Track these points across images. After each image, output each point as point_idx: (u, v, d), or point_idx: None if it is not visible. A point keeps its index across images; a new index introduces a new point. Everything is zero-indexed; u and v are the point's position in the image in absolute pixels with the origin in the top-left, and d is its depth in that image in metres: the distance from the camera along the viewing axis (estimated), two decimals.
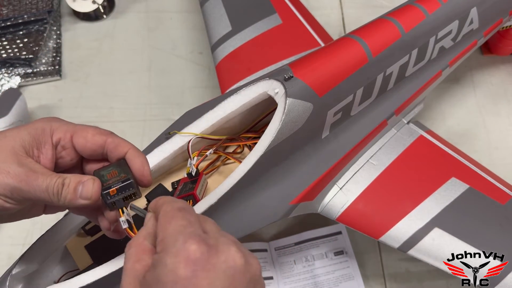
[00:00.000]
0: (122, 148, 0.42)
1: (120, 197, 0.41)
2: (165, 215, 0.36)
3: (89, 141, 0.42)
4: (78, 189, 0.40)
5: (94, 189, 0.40)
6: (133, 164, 0.42)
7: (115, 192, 0.40)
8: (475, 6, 0.73)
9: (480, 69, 0.96)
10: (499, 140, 0.88)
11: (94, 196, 0.40)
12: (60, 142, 0.43)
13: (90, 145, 0.42)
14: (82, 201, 0.40)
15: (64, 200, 0.40)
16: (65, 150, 0.43)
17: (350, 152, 0.66)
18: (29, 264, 0.49)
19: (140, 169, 0.42)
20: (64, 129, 0.43)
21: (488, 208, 0.66)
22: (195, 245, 0.33)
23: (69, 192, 0.40)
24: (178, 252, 0.33)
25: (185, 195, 0.53)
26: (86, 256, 0.54)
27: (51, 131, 0.42)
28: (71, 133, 0.43)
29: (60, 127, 0.43)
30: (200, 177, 0.55)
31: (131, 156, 0.42)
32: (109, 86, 0.95)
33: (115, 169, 0.42)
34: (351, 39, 0.64)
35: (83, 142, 0.42)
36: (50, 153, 0.42)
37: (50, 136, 0.42)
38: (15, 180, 0.39)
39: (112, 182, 0.41)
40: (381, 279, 0.76)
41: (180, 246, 0.33)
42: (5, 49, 0.94)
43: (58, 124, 0.43)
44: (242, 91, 0.58)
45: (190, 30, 1.01)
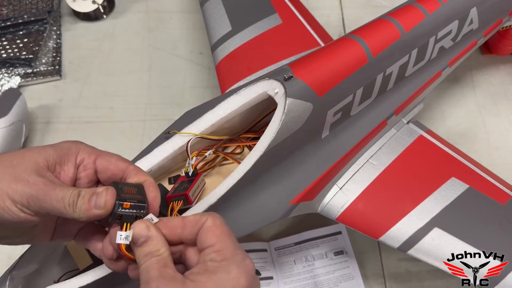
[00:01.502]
0: (142, 176, 0.44)
1: (130, 213, 0.40)
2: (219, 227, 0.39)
3: (112, 164, 0.44)
4: (93, 199, 0.40)
5: (108, 197, 0.40)
6: (148, 192, 0.43)
7: (128, 206, 0.40)
8: (475, 6, 0.73)
9: (480, 69, 0.96)
10: (499, 140, 0.88)
11: (108, 204, 0.40)
12: (83, 162, 0.44)
13: (113, 167, 0.44)
14: (96, 211, 0.40)
15: (79, 211, 0.40)
16: (85, 171, 0.44)
17: (350, 152, 0.66)
18: (29, 264, 0.49)
19: (153, 199, 0.43)
20: (89, 150, 0.44)
21: (488, 208, 0.66)
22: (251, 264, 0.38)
23: (84, 202, 0.40)
24: (240, 264, 0.37)
25: (178, 195, 0.53)
26: (86, 256, 0.54)
27: (76, 151, 0.44)
28: (96, 156, 0.44)
29: (85, 148, 0.44)
30: (197, 177, 0.55)
31: (150, 185, 0.43)
32: (109, 86, 0.95)
33: (133, 188, 0.42)
34: (351, 39, 0.64)
35: (106, 165, 0.44)
36: (71, 172, 0.43)
37: (75, 156, 0.43)
38: (33, 189, 0.39)
39: (128, 197, 0.41)
40: (381, 279, 0.76)
41: (241, 261, 0.38)
42: (5, 49, 0.94)
43: (85, 146, 0.45)
44: (242, 91, 0.58)
45: (190, 30, 1.01)
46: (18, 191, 0.39)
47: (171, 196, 0.53)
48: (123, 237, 0.40)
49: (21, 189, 0.39)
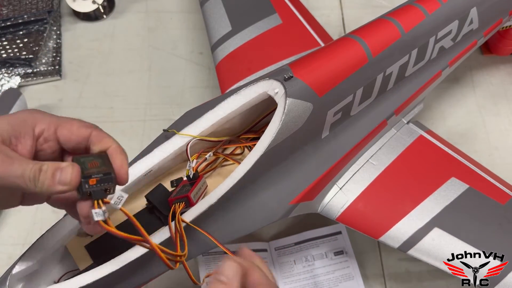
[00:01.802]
0: (106, 143, 0.42)
1: (99, 189, 0.40)
2: None
3: (74, 133, 0.42)
4: (57, 174, 0.39)
5: (74, 174, 0.39)
6: (114, 159, 0.41)
7: (94, 182, 0.39)
8: (475, 6, 0.73)
9: (480, 69, 0.96)
10: (499, 140, 0.88)
11: (73, 181, 0.39)
12: (43, 134, 0.42)
13: (75, 137, 0.42)
14: (61, 187, 0.39)
15: (41, 186, 0.39)
16: (47, 143, 0.43)
17: (350, 152, 0.66)
18: (29, 264, 0.49)
19: (119, 166, 0.41)
20: (48, 121, 0.42)
21: (488, 208, 0.66)
22: None
23: (47, 177, 0.39)
24: None
25: (180, 197, 0.53)
26: (86, 256, 0.54)
27: (33, 122, 0.42)
28: (55, 125, 0.42)
29: (43, 118, 0.42)
30: (199, 179, 0.55)
31: (114, 151, 0.42)
32: (109, 86, 0.95)
33: (96, 160, 0.41)
34: (351, 39, 0.64)
35: (68, 134, 0.42)
36: (29, 144, 0.42)
37: (32, 127, 0.42)
38: None
39: (92, 172, 0.40)
40: (381, 279, 0.76)
41: None
42: (5, 49, 0.94)
43: (42, 116, 0.43)
44: (242, 91, 0.58)
45: (190, 30, 1.01)
46: None
47: (173, 199, 0.54)
48: (99, 214, 0.40)
49: None
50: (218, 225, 0.55)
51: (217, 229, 0.55)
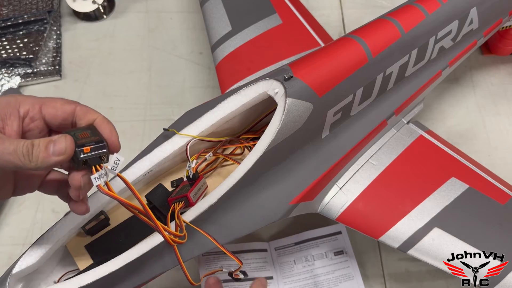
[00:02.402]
0: (92, 115, 0.43)
1: (94, 155, 0.40)
2: None
3: (59, 109, 0.43)
4: (50, 146, 0.39)
5: (67, 143, 0.40)
6: (102, 129, 0.42)
7: (88, 150, 0.40)
8: (475, 6, 0.73)
9: (480, 69, 0.96)
10: (499, 140, 0.88)
11: (68, 149, 0.39)
12: (29, 114, 0.43)
13: (61, 113, 0.43)
14: (56, 158, 0.39)
15: (36, 160, 0.39)
16: (34, 122, 0.43)
17: (350, 152, 0.66)
18: (29, 264, 0.49)
19: (109, 134, 0.42)
20: (31, 101, 0.43)
21: (488, 208, 0.66)
22: None
23: (41, 150, 0.39)
24: None
25: (179, 197, 0.53)
26: (86, 256, 0.54)
27: (16, 103, 0.42)
28: (40, 104, 0.43)
29: (26, 99, 0.43)
30: (199, 180, 0.56)
31: (101, 122, 0.43)
32: (109, 86, 0.95)
33: (86, 131, 0.42)
34: (351, 39, 0.64)
35: (53, 112, 0.43)
36: (15, 124, 0.42)
37: (16, 108, 0.42)
38: None
39: (85, 142, 0.41)
40: (381, 279, 0.76)
41: None
42: (5, 49, 0.94)
43: (24, 97, 0.43)
44: (242, 91, 0.58)
45: (190, 30, 1.01)
46: None
47: (173, 199, 0.54)
48: (98, 178, 0.40)
49: None
50: (218, 225, 0.55)
51: (217, 229, 0.55)
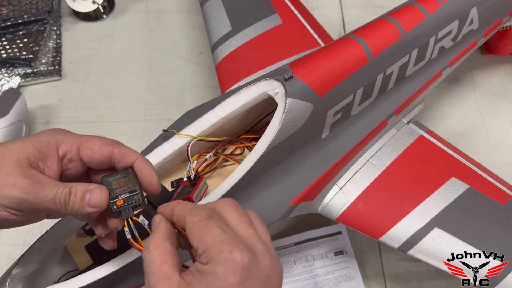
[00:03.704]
0: (130, 158, 0.43)
1: (126, 208, 0.41)
2: (197, 226, 0.37)
3: (96, 152, 0.43)
4: (86, 197, 0.40)
5: (103, 197, 0.40)
6: (141, 173, 0.42)
7: (121, 202, 0.41)
8: (475, 6, 0.73)
9: (480, 69, 0.96)
10: (499, 140, 0.88)
11: (102, 204, 0.40)
12: (67, 155, 0.43)
13: (98, 156, 0.43)
14: (90, 209, 0.40)
15: (71, 209, 0.40)
16: (72, 163, 0.43)
17: (350, 152, 0.66)
18: (29, 264, 0.49)
19: (148, 177, 0.42)
20: (70, 141, 0.43)
21: (488, 208, 0.66)
22: (240, 255, 0.35)
23: (77, 201, 0.40)
24: (226, 262, 0.35)
25: (182, 199, 0.53)
26: (86, 256, 0.54)
27: (56, 144, 0.43)
28: (78, 146, 0.43)
29: (65, 139, 0.43)
30: (200, 180, 0.55)
31: (139, 165, 0.43)
32: (109, 86, 0.95)
33: (123, 177, 0.42)
34: (351, 39, 0.64)
35: (90, 154, 0.43)
36: (55, 166, 0.42)
37: (56, 150, 0.43)
38: (21, 193, 0.39)
39: (119, 192, 0.41)
40: (381, 279, 0.76)
41: (227, 256, 0.35)
42: (5, 49, 0.94)
43: (63, 137, 0.43)
44: (242, 91, 0.58)
45: (190, 30, 1.01)
46: (6, 197, 0.39)
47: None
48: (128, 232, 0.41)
49: (9, 195, 0.39)
50: None
51: None
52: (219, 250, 0.35)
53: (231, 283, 0.35)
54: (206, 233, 0.36)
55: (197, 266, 0.36)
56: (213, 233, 0.36)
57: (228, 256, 0.35)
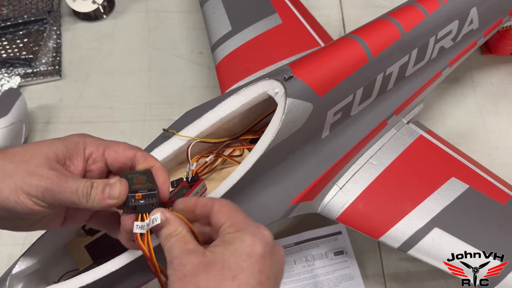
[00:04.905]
0: (151, 162, 0.45)
1: (143, 203, 0.42)
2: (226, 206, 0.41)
3: (121, 154, 0.45)
4: (106, 189, 0.42)
5: (122, 188, 0.42)
6: (157, 177, 0.44)
7: (140, 197, 0.42)
8: (475, 6, 0.73)
9: (480, 69, 0.96)
10: (499, 140, 0.88)
11: (121, 195, 0.42)
12: (92, 156, 0.45)
13: (121, 158, 0.45)
14: (110, 201, 0.42)
15: (92, 201, 0.42)
16: (95, 164, 0.45)
17: (350, 152, 0.66)
18: (29, 264, 0.49)
19: (162, 183, 0.44)
20: (97, 143, 0.45)
21: (488, 208, 0.66)
22: (266, 232, 0.40)
23: (98, 193, 0.42)
24: (255, 233, 0.39)
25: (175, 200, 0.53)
26: (86, 256, 0.54)
27: (84, 145, 0.45)
28: (104, 148, 0.45)
29: (93, 142, 0.46)
30: (198, 182, 0.55)
31: (158, 170, 0.45)
32: (109, 86, 0.95)
33: (142, 176, 0.44)
34: (351, 39, 0.64)
35: (115, 156, 0.45)
36: (81, 165, 0.45)
37: (83, 150, 0.45)
38: (47, 182, 0.41)
39: (139, 188, 0.42)
40: (381, 279, 0.76)
41: (255, 230, 0.40)
42: (5, 49, 0.94)
43: (91, 139, 0.46)
44: (242, 91, 0.58)
45: (190, 30, 1.01)
46: (33, 185, 0.41)
47: (168, 202, 0.53)
48: (139, 227, 0.42)
49: (35, 183, 0.41)
50: None
51: None
52: (248, 224, 0.40)
53: (257, 253, 0.38)
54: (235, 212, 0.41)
55: (223, 238, 0.39)
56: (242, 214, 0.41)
57: (256, 230, 0.39)
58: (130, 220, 0.43)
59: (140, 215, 0.42)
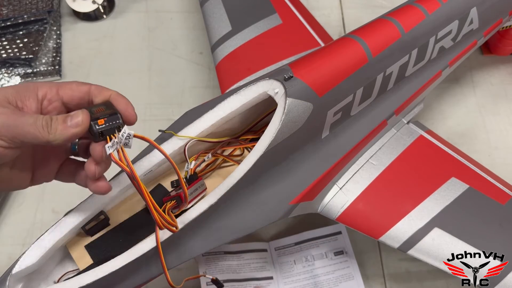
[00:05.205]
0: (106, 92, 0.47)
1: (109, 127, 0.43)
2: None
3: (75, 90, 0.46)
4: (68, 120, 0.43)
5: (84, 116, 0.43)
6: (118, 104, 0.46)
7: (103, 122, 0.43)
8: (475, 6, 0.73)
9: (480, 69, 0.96)
10: (499, 140, 0.88)
11: (84, 122, 0.43)
12: (47, 96, 0.46)
13: (77, 93, 0.46)
14: (73, 130, 0.42)
15: (54, 132, 0.42)
16: (51, 104, 0.46)
17: (350, 152, 0.66)
18: (29, 264, 0.49)
19: (124, 107, 0.46)
20: (49, 84, 0.46)
21: (488, 208, 0.66)
22: None
23: (59, 123, 0.42)
24: None
25: (173, 196, 0.53)
26: (86, 256, 0.54)
27: (35, 88, 0.45)
28: (57, 88, 0.46)
29: (44, 84, 0.47)
30: (197, 181, 0.55)
31: (115, 97, 0.47)
32: (109, 86, 0.94)
33: (101, 106, 0.45)
34: (351, 39, 0.64)
35: (70, 93, 0.46)
36: (34, 106, 0.45)
37: (35, 92, 0.45)
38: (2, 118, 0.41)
39: (100, 115, 0.44)
40: (381, 279, 0.76)
41: None
42: (5, 49, 0.94)
43: (42, 83, 0.47)
44: (242, 91, 0.58)
45: (190, 30, 1.01)
46: None
47: (167, 198, 0.54)
48: (110, 147, 0.43)
49: None
50: (218, 225, 0.55)
51: (217, 229, 0.55)
52: None
53: None
54: None
55: None
56: None
57: None
58: (99, 146, 0.44)
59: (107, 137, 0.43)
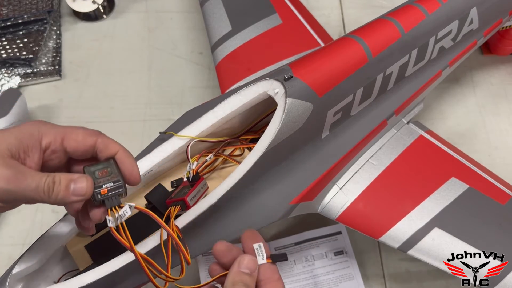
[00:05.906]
0: (112, 149, 0.44)
1: (111, 197, 0.42)
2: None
3: (80, 142, 0.44)
4: (71, 186, 0.41)
5: (88, 186, 0.41)
6: (123, 164, 0.43)
7: (106, 192, 0.42)
8: (475, 6, 0.73)
9: (480, 69, 0.96)
10: (499, 140, 0.88)
11: (88, 193, 0.41)
12: (51, 147, 0.43)
13: (82, 146, 0.44)
14: (75, 198, 0.41)
15: (55, 198, 0.41)
16: (55, 154, 0.44)
17: (350, 152, 0.66)
18: (29, 264, 0.49)
19: (129, 169, 0.43)
20: (53, 132, 0.43)
21: (488, 208, 0.66)
22: None
23: (61, 189, 0.41)
24: None
25: (177, 200, 0.53)
26: (86, 256, 0.54)
27: (39, 135, 0.43)
28: (61, 137, 0.44)
29: (49, 131, 0.43)
30: (199, 182, 0.55)
31: (121, 156, 0.44)
32: (109, 86, 0.95)
33: (105, 167, 0.43)
34: (351, 39, 0.64)
35: (75, 145, 0.44)
36: (36, 157, 0.43)
37: (39, 141, 0.43)
38: (4, 183, 0.39)
39: (103, 181, 0.42)
40: (381, 279, 0.76)
41: None
42: (5, 49, 0.94)
43: (46, 128, 0.44)
44: (242, 91, 0.58)
45: (190, 30, 1.01)
46: None
47: (171, 201, 0.53)
48: (112, 221, 0.42)
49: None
50: (218, 225, 0.55)
51: (217, 229, 0.55)
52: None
53: None
54: None
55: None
56: None
57: None
58: (99, 212, 0.43)
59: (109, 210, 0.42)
